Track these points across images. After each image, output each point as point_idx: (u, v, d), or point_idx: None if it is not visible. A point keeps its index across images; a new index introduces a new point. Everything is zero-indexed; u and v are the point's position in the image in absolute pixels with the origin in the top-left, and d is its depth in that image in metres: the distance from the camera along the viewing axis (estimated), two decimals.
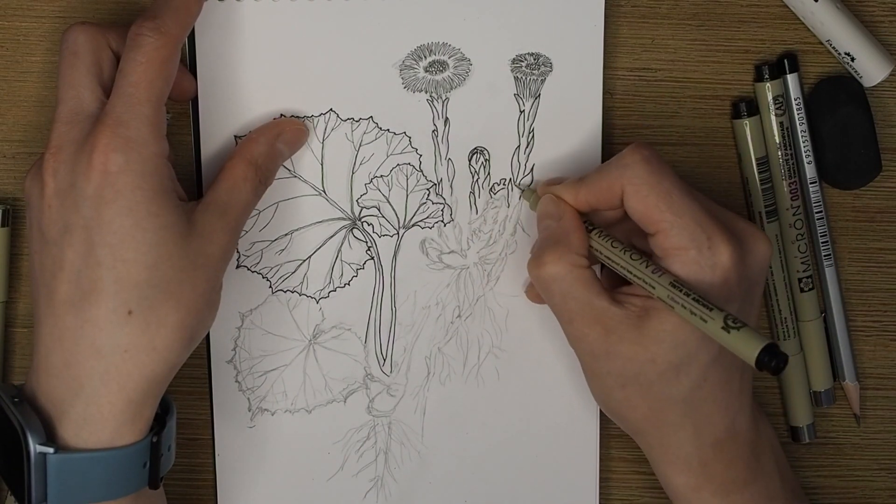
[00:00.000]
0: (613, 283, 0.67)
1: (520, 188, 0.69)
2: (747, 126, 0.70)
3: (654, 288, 0.62)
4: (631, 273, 0.63)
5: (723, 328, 0.59)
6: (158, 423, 0.63)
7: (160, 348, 0.61)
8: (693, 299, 0.60)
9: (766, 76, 0.69)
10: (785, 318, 0.71)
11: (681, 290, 0.61)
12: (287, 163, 0.68)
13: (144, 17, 0.61)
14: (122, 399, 0.61)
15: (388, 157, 0.69)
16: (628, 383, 0.64)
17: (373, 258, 0.70)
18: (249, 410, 0.71)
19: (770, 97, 0.69)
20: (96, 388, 0.60)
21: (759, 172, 0.70)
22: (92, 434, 0.61)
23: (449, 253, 0.70)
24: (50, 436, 0.61)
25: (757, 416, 0.68)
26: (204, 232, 0.62)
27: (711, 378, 0.64)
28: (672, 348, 0.62)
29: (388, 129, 0.69)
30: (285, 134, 0.67)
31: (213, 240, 0.62)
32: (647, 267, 0.62)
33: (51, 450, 0.60)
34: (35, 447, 0.60)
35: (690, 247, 0.62)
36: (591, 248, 0.65)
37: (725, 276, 0.62)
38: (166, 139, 0.62)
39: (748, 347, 0.58)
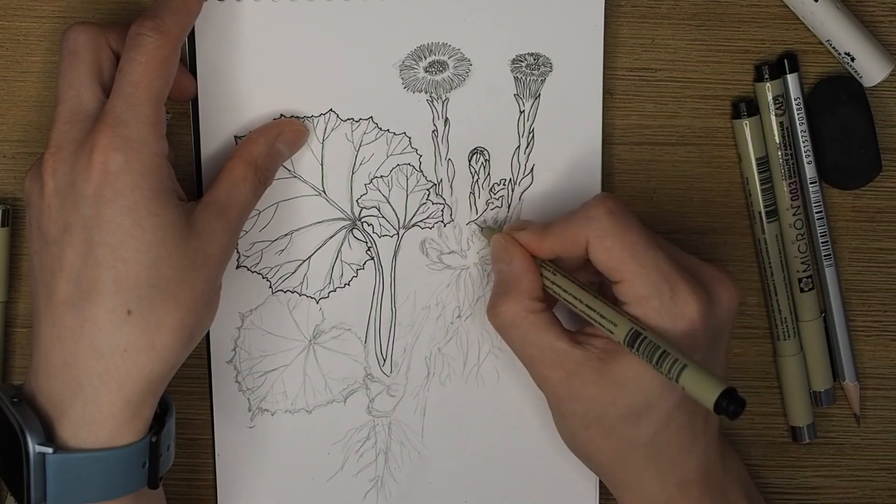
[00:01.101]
0: (576, 322, 0.67)
1: (479, 226, 0.70)
2: (747, 126, 0.70)
3: (614, 326, 0.62)
4: (591, 312, 0.63)
5: (683, 365, 0.59)
6: (158, 422, 0.63)
7: (159, 348, 0.61)
8: (653, 338, 0.60)
9: (766, 76, 0.69)
10: (785, 318, 0.71)
11: (642, 329, 0.61)
12: (287, 163, 0.68)
13: (144, 16, 0.61)
14: (121, 399, 0.61)
15: (388, 157, 0.69)
16: (591, 425, 0.64)
17: (373, 258, 0.70)
18: (249, 410, 0.71)
19: (770, 97, 0.69)
20: (95, 387, 0.60)
21: (759, 172, 0.70)
22: (91, 434, 0.61)
23: (449, 253, 0.70)
24: (49, 436, 0.61)
25: (724, 451, 0.68)
26: (203, 232, 0.62)
27: (675, 422, 0.64)
28: (634, 393, 0.62)
29: (388, 130, 0.69)
30: (285, 134, 0.67)
31: (213, 240, 0.62)
32: (600, 316, 0.62)
33: (50, 450, 0.60)
34: (34, 447, 0.60)
35: (653, 296, 0.62)
36: (549, 287, 0.65)
37: (689, 326, 0.62)
38: (166, 139, 0.62)
39: (707, 390, 0.57)
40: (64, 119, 0.61)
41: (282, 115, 0.68)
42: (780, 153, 0.70)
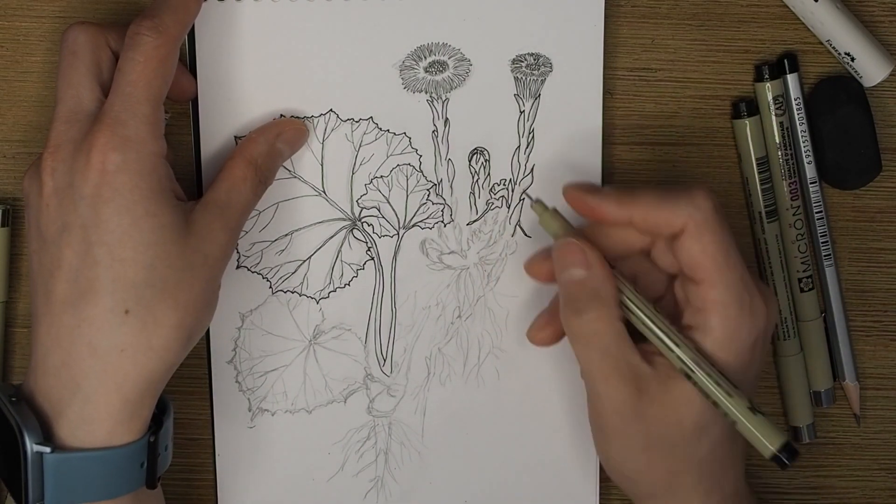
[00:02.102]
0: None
1: (530, 198, 0.68)
2: (747, 126, 0.70)
3: (674, 354, 0.61)
4: (655, 336, 0.62)
5: (749, 408, 0.59)
6: (156, 422, 0.63)
7: (157, 348, 0.61)
8: (717, 372, 0.60)
9: (766, 76, 0.69)
10: (785, 318, 0.71)
11: (705, 360, 0.61)
12: (287, 163, 0.68)
13: (143, 16, 0.61)
14: (119, 398, 0.61)
15: (388, 157, 0.69)
16: (652, 445, 0.63)
17: (373, 258, 0.70)
18: (250, 411, 0.71)
19: (770, 97, 0.69)
20: (93, 387, 0.60)
21: (759, 172, 0.70)
22: (89, 433, 0.61)
23: (449, 253, 0.70)
24: (47, 435, 0.61)
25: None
26: (202, 232, 0.62)
27: (726, 439, 0.63)
28: (700, 411, 0.62)
29: (388, 130, 0.69)
30: (285, 134, 0.67)
31: (212, 239, 0.62)
32: (671, 335, 0.62)
33: (47, 449, 0.60)
34: (32, 447, 0.60)
35: (733, 304, 0.61)
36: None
37: (755, 338, 0.62)
38: (164, 139, 0.62)
39: (768, 438, 0.59)
40: (63, 119, 0.61)
41: (282, 114, 0.68)
42: (780, 153, 0.70)
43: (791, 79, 0.70)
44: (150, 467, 0.62)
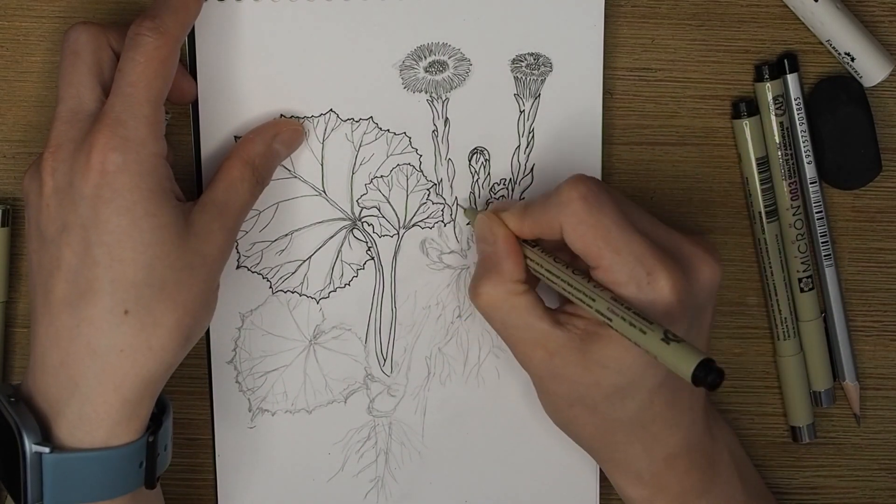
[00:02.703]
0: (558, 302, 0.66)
1: (461, 206, 0.69)
2: (747, 126, 0.70)
3: (593, 301, 0.61)
4: (570, 288, 0.62)
5: (662, 340, 0.58)
6: (155, 422, 0.63)
7: (156, 348, 0.61)
8: (633, 312, 0.59)
9: (766, 76, 0.69)
10: (785, 318, 0.71)
11: (620, 304, 0.60)
12: (287, 163, 0.68)
13: (144, 16, 0.61)
14: (118, 399, 0.61)
15: (388, 157, 0.69)
16: (575, 403, 0.64)
17: (373, 258, 0.70)
18: (250, 411, 0.71)
19: (770, 97, 0.69)
20: (92, 387, 0.60)
21: (759, 172, 0.70)
22: (87, 433, 0.61)
23: (449, 253, 0.70)
24: (46, 435, 0.61)
25: (713, 423, 0.68)
26: (201, 232, 0.62)
27: (659, 399, 0.64)
28: (616, 373, 0.62)
29: (388, 130, 0.69)
30: (282, 134, 0.67)
31: (210, 240, 0.62)
32: (587, 281, 0.62)
33: (46, 449, 0.60)
34: (31, 447, 0.60)
35: (629, 282, 0.61)
36: (531, 266, 0.65)
37: (667, 309, 0.61)
38: (164, 139, 0.62)
39: (684, 362, 0.56)
40: (64, 118, 0.61)
41: (282, 115, 0.68)
42: (780, 153, 0.70)
43: (791, 79, 0.70)
44: (149, 467, 0.62)
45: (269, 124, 0.67)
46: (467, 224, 0.70)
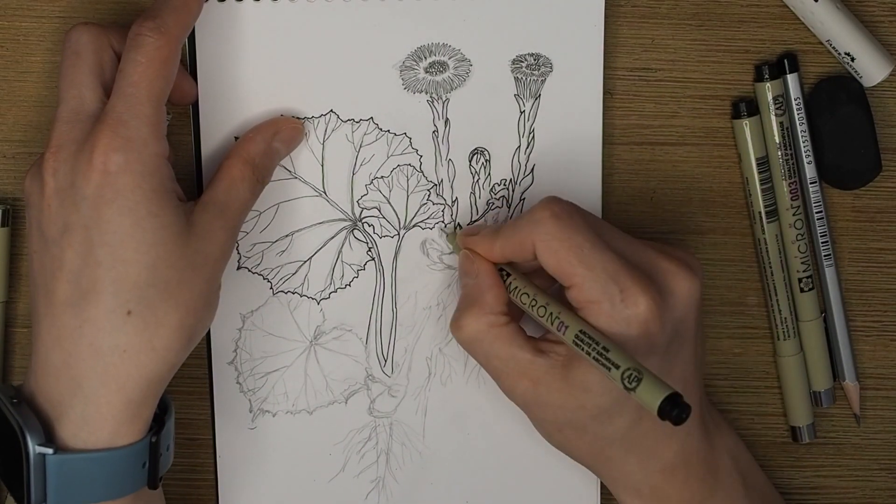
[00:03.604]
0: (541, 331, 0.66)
1: (444, 231, 0.70)
2: (747, 126, 0.70)
3: (566, 328, 0.61)
4: (544, 315, 0.63)
5: (622, 383, 0.58)
6: (157, 423, 0.63)
7: (159, 348, 0.61)
8: (597, 353, 0.59)
9: (766, 76, 0.69)
10: (785, 318, 0.71)
11: (587, 343, 0.60)
12: (287, 164, 0.68)
13: (145, 16, 0.61)
14: (121, 399, 0.61)
15: (388, 157, 0.69)
16: (564, 427, 0.64)
17: (373, 259, 0.70)
18: (250, 412, 0.71)
19: (770, 97, 0.69)
20: (95, 388, 0.60)
21: (759, 172, 0.70)
22: (91, 434, 0.61)
23: (450, 253, 0.70)
24: (49, 436, 0.61)
25: (712, 429, 0.67)
26: (202, 232, 0.62)
27: (647, 414, 0.63)
28: (599, 395, 0.62)
29: (388, 130, 0.69)
30: (282, 133, 0.67)
31: (212, 239, 0.62)
32: (553, 319, 0.62)
33: (50, 450, 0.60)
34: (34, 448, 0.60)
35: (603, 300, 0.61)
36: (511, 296, 0.65)
37: (643, 327, 0.61)
38: (166, 139, 0.62)
39: (650, 397, 0.57)
40: (65, 119, 0.61)
41: (282, 115, 0.68)
42: (780, 153, 0.70)
43: (791, 79, 0.70)
44: (152, 467, 0.62)
45: (269, 123, 0.67)
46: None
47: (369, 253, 0.70)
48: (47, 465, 0.60)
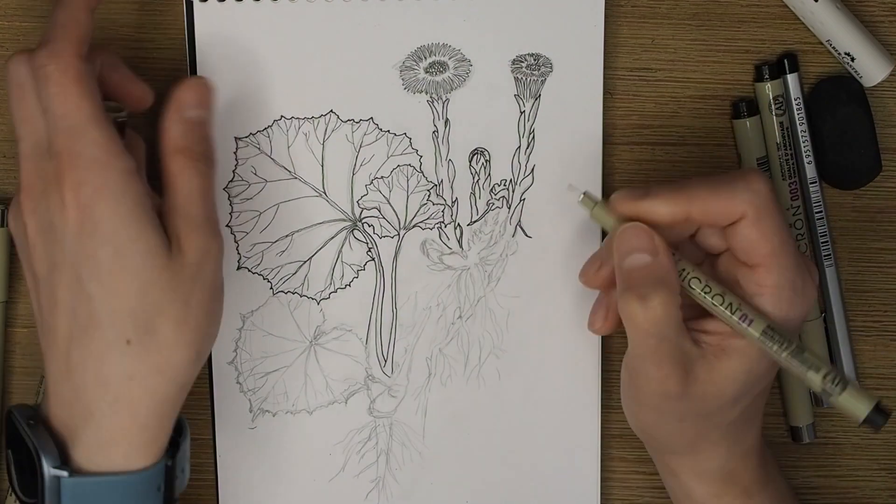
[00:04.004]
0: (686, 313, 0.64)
1: (577, 191, 0.64)
2: (747, 126, 0.70)
3: (750, 327, 0.61)
4: (724, 306, 0.62)
5: (835, 385, 0.60)
6: (172, 445, 0.63)
7: (165, 370, 0.60)
8: (790, 352, 0.61)
9: (767, 76, 0.69)
10: None
11: (777, 340, 0.61)
12: (287, 164, 0.68)
13: (38, 47, 0.59)
14: (134, 424, 0.60)
15: (388, 158, 0.69)
16: (687, 417, 0.63)
17: (373, 259, 0.70)
18: (251, 412, 0.71)
19: (770, 97, 0.69)
20: (106, 416, 0.60)
21: None
22: (105, 458, 0.61)
23: (449, 254, 0.70)
24: (64, 458, 0.61)
25: None
26: (178, 242, 0.61)
27: (757, 400, 0.64)
28: (737, 384, 0.62)
29: (388, 131, 0.69)
30: (188, 100, 0.63)
31: (189, 246, 0.61)
32: (734, 310, 0.61)
33: (65, 473, 0.60)
34: (49, 470, 0.59)
35: (788, 287, 0.61)
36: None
37: (804, 318, 0.63)
38: (126, 153, 0.60)
39: (858, 404, 0.60)
40: (27, 156, 0.60)
41: (282, 115, 0.68)
42: (780, 153, 0.70)
43: (791, 79, 0.70)
44: (168, 491, 0.62)
45: (172, 100, 0.63)
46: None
47: (369, 253, 0.70)
48: (62, 487, 0.60)
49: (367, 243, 0.70)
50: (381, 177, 0.69)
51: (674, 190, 0.62)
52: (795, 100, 0.70)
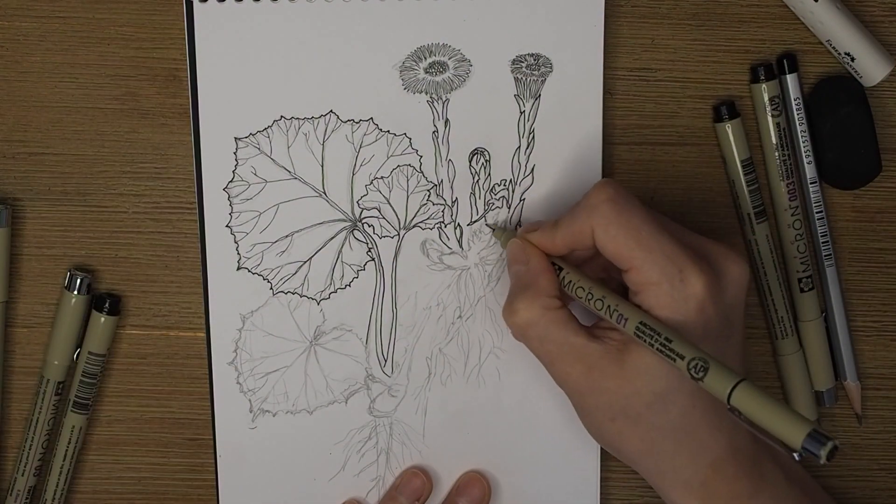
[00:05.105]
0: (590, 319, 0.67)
1: (490, 227, 0.70)
2: (729, 129, 0.69)
3: (626, 319, 0.62)
4: (602, 306, 0.63)
5: (687, 370, 0.59)
6: None
7: None
8: (660, 344, 0.60)
9: (762, 77, 0.69)
10: (782, 318, 0.71)
11: (649, 334, 0.61)
12: (287, 164, 0.68)
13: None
14: None
15: (388, 158, 0.69)
16: (617, 416, 0.64)
17: (373, 259, 0.70)
18: (251, 412, 0.71)
19: (766, 98, 0.69)
20: None
21: (745, 174, 0.70)
22: None
23: (449, 254, 0.70)
24: None
25: None
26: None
27: (701, 403, 0.63)
28: (656, 379, 0.62)
29: (388, 131, 0.69)
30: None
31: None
32: (611, 312, 0.62)
33: None
34: None
35: (662, 281, 0.61)
36: (565, 285, 0.65)
37: (700, 306, 0.62)
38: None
39: (720, 386, 0.58)
40: None
41: (282, 115, 0.68)
42: (777, 154, 0.70)
43: (791, 79, 0.70)
44: None
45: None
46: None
47: (369, 253, 0.70)
48: None
49: (367, 243, 0.70)
50: (381, 177, 0.69)
51: (551, 225, 0.66)
52: (795, 100, 0.70)
